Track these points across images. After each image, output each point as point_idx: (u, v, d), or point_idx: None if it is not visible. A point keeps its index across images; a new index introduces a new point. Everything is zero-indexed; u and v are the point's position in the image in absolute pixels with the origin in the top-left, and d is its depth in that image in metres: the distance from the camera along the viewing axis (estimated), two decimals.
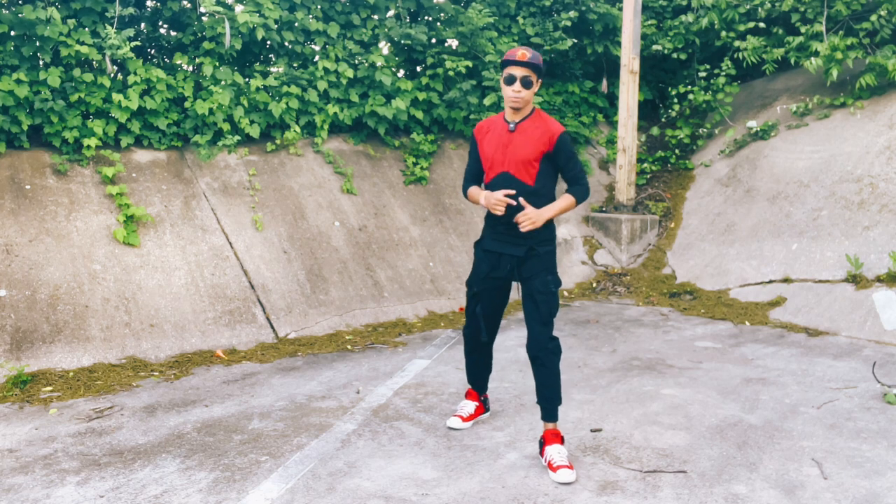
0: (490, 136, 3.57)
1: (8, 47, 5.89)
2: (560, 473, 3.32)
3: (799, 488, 3.23)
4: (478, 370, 3.97)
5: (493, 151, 3.53)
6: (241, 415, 4.21)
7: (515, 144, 3.47)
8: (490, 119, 3.66)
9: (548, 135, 3.46)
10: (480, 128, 3.64)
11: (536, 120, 3.50)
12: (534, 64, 3.38)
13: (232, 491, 3.24)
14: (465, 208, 7.91)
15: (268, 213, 6.67)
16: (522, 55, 3.37)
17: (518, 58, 3.37)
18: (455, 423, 3.95)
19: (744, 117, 8.98)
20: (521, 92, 3.41)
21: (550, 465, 3.39)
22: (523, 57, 3.36)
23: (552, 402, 3.51)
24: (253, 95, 6.89)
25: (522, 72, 3.39)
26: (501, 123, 3.56)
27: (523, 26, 8.97)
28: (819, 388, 4.57)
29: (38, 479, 3.37)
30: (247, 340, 5.66)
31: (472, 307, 3.77)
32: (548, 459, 3.41)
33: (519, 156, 3.46)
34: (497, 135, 3.54)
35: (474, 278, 3.72)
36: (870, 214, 6.65)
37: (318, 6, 7.48)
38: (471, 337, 3.84)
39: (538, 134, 3.47)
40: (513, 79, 3.40)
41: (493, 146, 3.54)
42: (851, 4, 7.85)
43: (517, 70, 3.40)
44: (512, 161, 3.47)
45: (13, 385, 4.60)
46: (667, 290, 7.33)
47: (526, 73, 3.39)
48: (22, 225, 5.61)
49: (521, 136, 3.48)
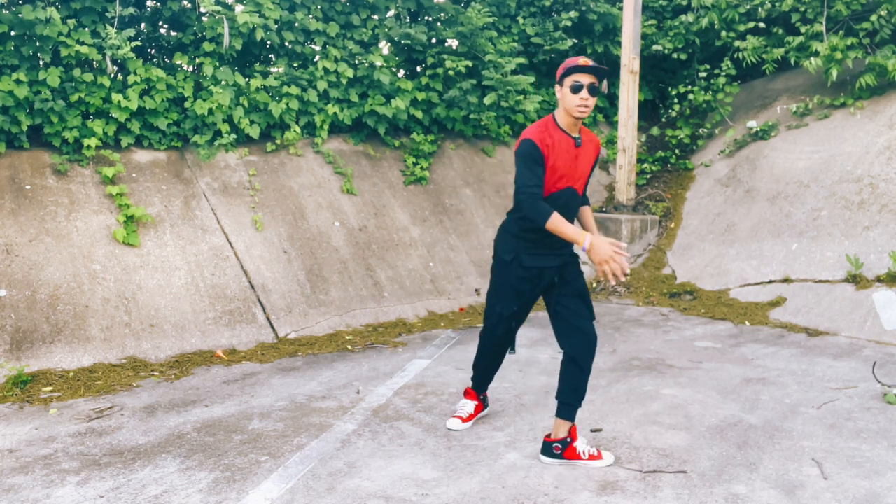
0: (557, 148, 3.32)
1: (8, 47, 5.89)
2: (607, 456, 3.49)
3: (799, 488, 3.23)
4: (490, 376, 3.98)
5: (563, 165, 3.34)
6: (241, 415, 4.21)
7: (581, 160, 3.39)
8: (544, 128, 3.34)
9: (595, 146, 3.48)
10: (542, 139, 3.29)
11: (586, 133, 3.46)
12: (602, 70, 3.25)
13: (232, 491, 3.24)
14: (465, 208, 7.91)
15: (268, 213, 6.67)
16: (586, 61, 3.23)
17: (583, 63, 3.22)
18: (455, 425, 3.94)
19: (744, 117, 8.98)
20: (589, 100, 3.25)
21: (592, 457, 3.47)
22: (587, 63, 3.22)
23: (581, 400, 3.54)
24: (253, 95, 6.89)
25: (590, 79, 3.24)
26: (562, 135, 3.34)
27: (523, 26, 8.98)
28: (819, 388, 4.57)
29: (38, 479, 3.37)
30: (247, 340, 5.66)
31: (504, 326, 3.68)
32: (588, 452, 3.48)
33: (583, 171, 3.43)
34: (564, 148, 3.33)
35: (511, 297, 3.57)
36: (870, 214, 6.65)
37: (317, 6, 7.48)
38: (496, 351, 3.82)
39: (591, 147, 3.45)
40: (579, 87, 3.23)
41: (563, 160, 3.33)
42: (851, 4, 7.85)
43: (584, 77, 3.24)
44: (576, 176, 3.40)
45: (13, 385, 4.61)
46: (667, 290, 7.33)
47: (593, 81, 3.26)
48: (22, 225, 5.61)
49: (583, 152, 3.41)
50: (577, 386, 3.46)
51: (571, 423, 3.50)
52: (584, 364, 3.44)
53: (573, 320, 3.46)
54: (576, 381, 3.46)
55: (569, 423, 3.50)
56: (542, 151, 3.27)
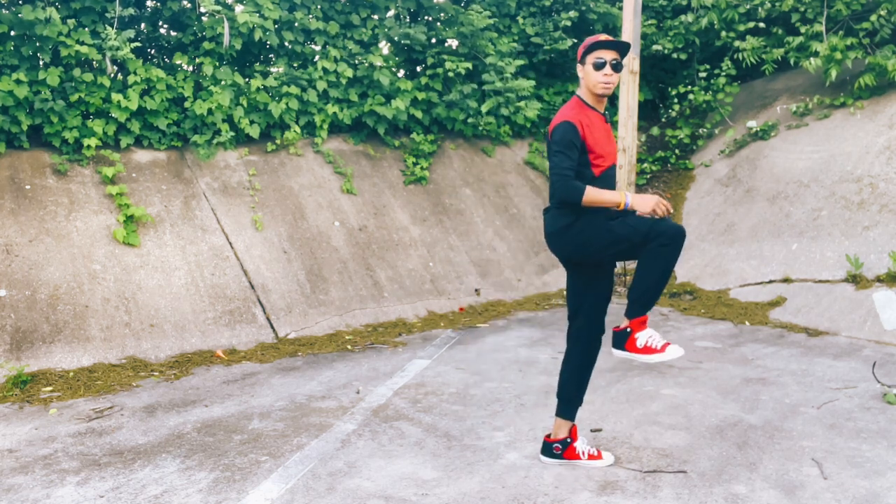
0: (592, 127, 3.26)
1: (8, 47, 5.89)
2: (607, 456, 3.47)
3: (799, 488, 3.23)
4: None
5: (602, 142, 3.27)
6: (241, 415, 4.20)
7: (611, 136, 3.36)
8: (578, 108, 3.27)
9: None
10: (579, 120, 3.22)
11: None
12: (623, 45, 3.20)
13: (232, 491, 3.24)
14: (465, 208, 7.90)
15: (268, 213, 6.67)
16: (607, 37, 3.20)
17: (604, 39, 3.19)
18: (678, 351, 3.21)
19: (744, 117, 8.98)
20: (613, 76, 3.20)
21: (592, 457, 3.45)
22: (608, 38, 3.19)
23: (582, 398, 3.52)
24: (253, 95, 6.89)
25: (612, 55, 3.20)
26: (593, 113, 3.29)
27: (523, 26, 8.97)
28: (819, 388, 4.57)
29: (38, 479, 3.37)
30: (247, 340, 5.66)
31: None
32: (588, 452, 3.45)
33: (615, 147, 3.37)
34: (598, 126, 3.28)
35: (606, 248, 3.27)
36: (870, 214, 6.65)
37: (317, 6, 7.48)
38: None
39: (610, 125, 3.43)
40: (602, 63, 3.18)
41: (600, 136, 3.27)
42: (851, 4, 7.85)
43: (605, 53, 3.19)
44: (613, 152, 3.34)
45: (13, 385, 4.60)
46: (667, 290, 7.33)
47: (615, 56, 3.21)
48: (22, 225, 5.60)
49: (610, 126, 3.38)
50: (580, 382, 3.46)
51: (572, 422, 3.49)
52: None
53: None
54: (579, 377, 3.46)
55: (569, 422, 3.49)
56: (580, 132, 3.19)
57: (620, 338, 3.27)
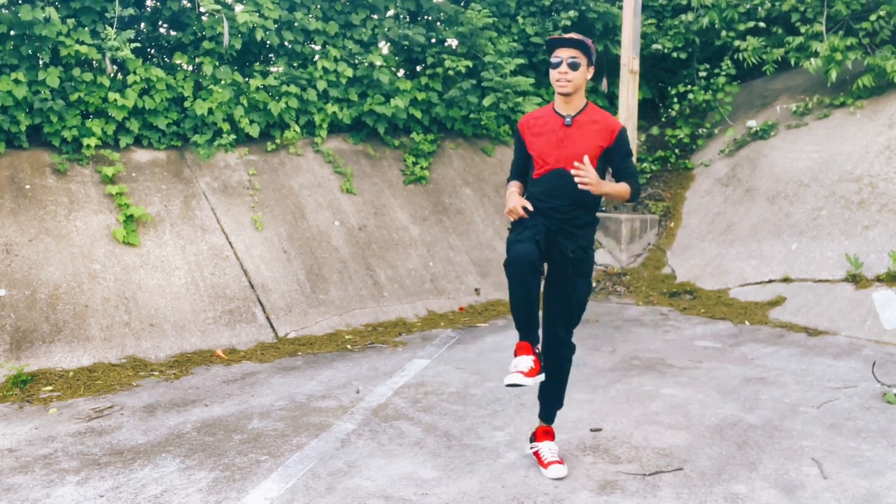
0: (539, 130, 3.28)
1: (7, 47, 5.89)
2: (551, 469, 3.34)
3: (799, 488, 3.23)
4: (534, 308, 3.23)
5: (543, 146, 3.24)
6: (241, 414, 4.20)
7: (572, 139, 3.20)
8: (536, 112, 3.36)
9: (608, 129, 3.22)
10: (525, 121, 3.34)
11: (593, 113, 3.25)
12: (580, 42, 3.14)
13: (232, 490, 3.24)
14: (464, 208, 7.91)
15: (268, 212, 6.67)
16: (563, 35, 3.18)
17: (556, 36, 3.19)
18: (519, 380, 3.11)
19: (744, 117, 8.98)
20: (568, 73, 3.14)
21: (541, 461, 3.41)
22: (562, 36, 3.19)
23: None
24: (252, 95, 6.89)
25: (568, 53, 3.14)
26: (553, 116, 3.27)
27: (523, 26, 8.97)
28: (819, 388, 4.57)
29: (38, 479, 3.37)
30: (247, 340, 5.66)
31: (521, 233, 3.18)
32: (538, 455, 3.44)
33: (577, 151, 3.17)
34: (549, 129, 3.25)
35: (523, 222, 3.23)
36: (869, 214, 6.65)
37: (317, 6, 7.48)
38: (516, 258, 3.14)
39: (596, 129, 3.21)
40: (558, 62, 3.15)
41: (544, 140, 3.24)
42: (851, 4, 7.85)
43: (562, 52, 3.15)
44: (568, 157, 3.18)
45: (13, 385, 4.60)
46: (667, 289, 7.33)
47: (573, 55, 3.14)
48: (22, 225, 5.60)
49: (577, 131, 3.20)
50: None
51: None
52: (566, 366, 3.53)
53: (557, 318, 3.36)
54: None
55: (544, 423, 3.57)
56: (521, 136, 3.37)
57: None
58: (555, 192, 3.22)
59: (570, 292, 3.30)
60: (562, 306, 3.33)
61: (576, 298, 3.32)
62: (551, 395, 3.50)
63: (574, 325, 3.40)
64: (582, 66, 3.17)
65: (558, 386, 3.47)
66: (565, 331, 3.37)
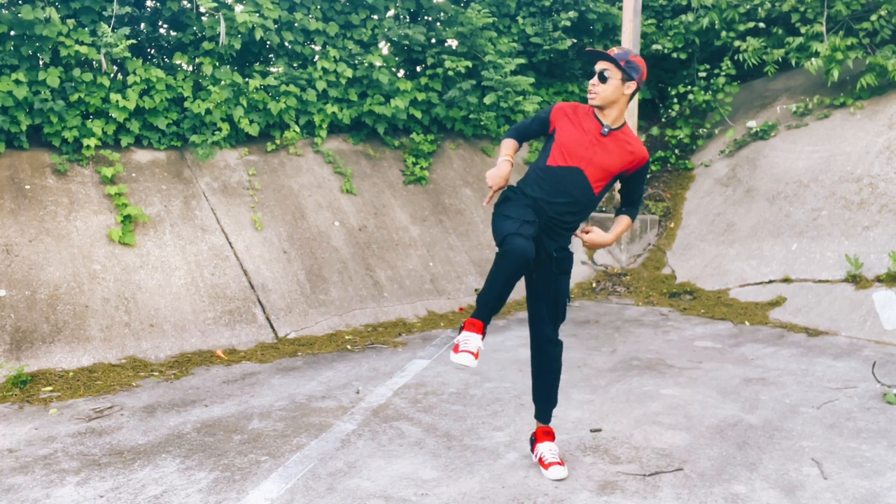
0: (574, 125, 3.27)
1: (7, 47, 5.89)
2: (552, 470, 3.35)
3: (799, 488, 3.23)
4: (505, 299, 3.25)
5: (574, 141, 3.24)
6: (241, 415, 4.20)
7: (605, 150, 3.23)
8: (579, 105, 3.34)
9: (636, 156, 3.27)
10: (564, 107, 3.32)
11: (629, 136, 3.28)
12: (611, 57, 3.13)
13: (232, 491, 3.24)
14: (464, 208, 7.90)
15: (268, 212, 6.67)
16: (593, 49, 3.19)
17: (587, 49, 3.22)
18: (468, 361, 3.11)
19: (744, 117, 8.98)
20: (597, 86, 3.18)
21: (542, 462, 3.41)
22: (593, 49, 3.21)
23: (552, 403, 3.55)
24: (252, 95, 6.89)
25: (600, 65, 3.17)
26: (592, 119, 3.27)
27: (523, 26, 8.97)
28: (819, 388, 4.57)
29: (38, 479, 3.37)
30: (247, 340, 5.66)
31: (512, 228, 3.16)
32: (538, 456, 3.44)
33: (603, 163, 3.23)
34: (585, 129, 3.26)
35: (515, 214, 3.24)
36: (870, 214, 6.65)
37: (317, 6, 7.47)
38: (516, 254, 3.08)
39: (626, 151, 3.26)
40: (591, 73, 3.21)
41: (577, 137, 3.24)
42: (851, 4, 7.84)
43: (598, 64, 3.19)
44: (593, 164, 3.22)
45: (13, 385, 4.60)
46: (667, 290, 7.33)
47: (603, 67, 3.16)
48: (22, 225, 5.60)
49: (612, 144, 3.24)
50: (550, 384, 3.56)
51: (543, 423, 3.56)
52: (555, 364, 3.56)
53: (542, 318, 3.41)
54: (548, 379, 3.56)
55: (541, 423, 3.57)
56: (551, 116, 3.34)
57: None
58: (562, 186, 3.25)
59: (556, 290, 3.38)
60: (549, 305, 3.40)
61: (561, 296, 3.41)
62: (545, 395, 3.51)
63: (560, 322, 3.46)
64: (613, 80, 3.17)
65: (551, 385, 3.49)
66: (553, 329, 3.44)
